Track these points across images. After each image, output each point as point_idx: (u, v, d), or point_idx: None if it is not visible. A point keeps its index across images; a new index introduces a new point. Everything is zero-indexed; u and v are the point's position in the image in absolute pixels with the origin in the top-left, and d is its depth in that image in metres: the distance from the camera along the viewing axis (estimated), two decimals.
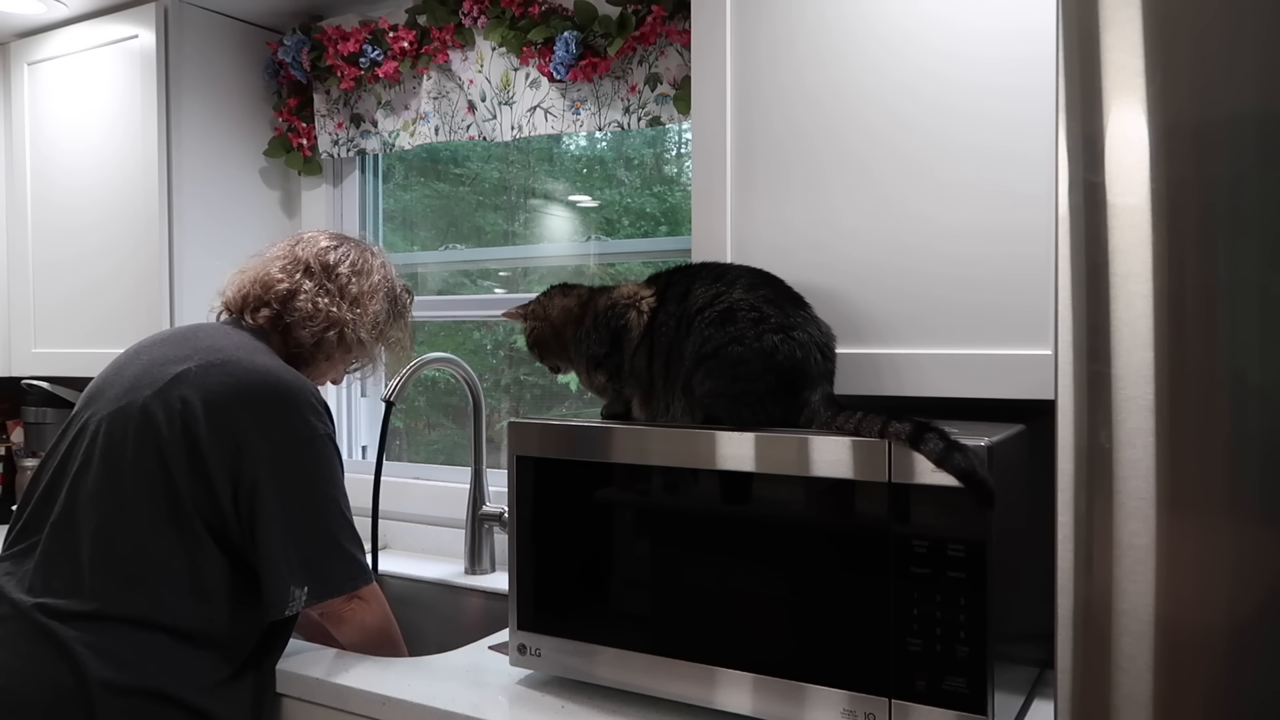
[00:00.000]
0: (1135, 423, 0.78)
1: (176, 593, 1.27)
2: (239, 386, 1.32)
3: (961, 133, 1.27)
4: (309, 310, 1.47)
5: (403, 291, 1.64)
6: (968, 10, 1.27)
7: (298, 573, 1.32)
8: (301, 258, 1.51)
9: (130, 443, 1.30)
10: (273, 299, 1.47)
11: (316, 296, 1.48)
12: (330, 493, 1.36)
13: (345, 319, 1.49)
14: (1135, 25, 0.78)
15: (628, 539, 1.24)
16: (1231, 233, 0.75)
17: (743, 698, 1.15)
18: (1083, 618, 0.80)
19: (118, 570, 1.26)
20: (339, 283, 1.51)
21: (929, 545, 1.04)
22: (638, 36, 1.76)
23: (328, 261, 1.52)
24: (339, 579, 1.37)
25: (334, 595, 1.36)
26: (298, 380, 1.37)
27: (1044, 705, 1.24)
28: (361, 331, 1.51)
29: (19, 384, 2.42)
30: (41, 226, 2.34)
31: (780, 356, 1.19)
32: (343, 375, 1.63)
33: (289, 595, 1.31)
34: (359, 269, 1.54)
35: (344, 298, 1.50)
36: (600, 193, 2.18)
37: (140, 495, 1.28)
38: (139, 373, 1.36)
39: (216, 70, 2.22)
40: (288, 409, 1.33)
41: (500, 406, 2.28)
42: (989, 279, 1.26)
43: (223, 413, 1.31)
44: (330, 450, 1.37)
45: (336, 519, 1.37)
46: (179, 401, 1.31)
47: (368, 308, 1.52)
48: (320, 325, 1.47)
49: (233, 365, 1.34)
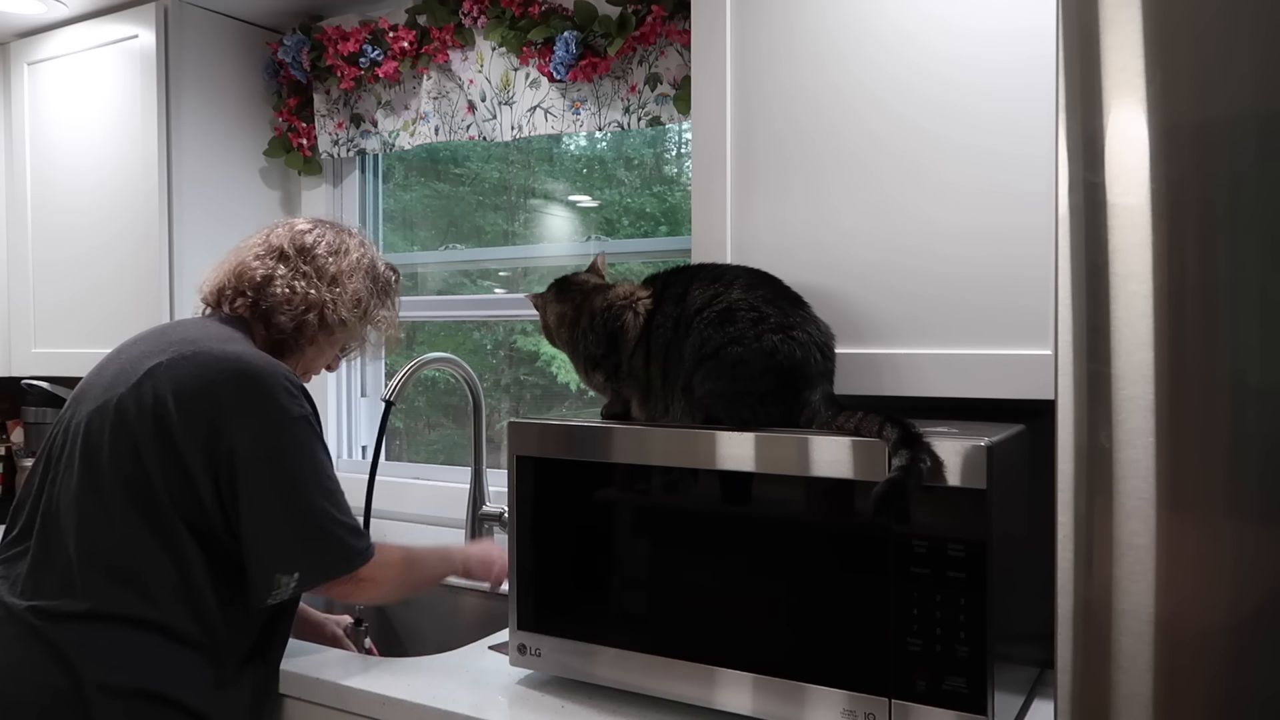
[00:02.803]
0: (1135, 423, 0.78)
1: (164, 590, 1.26)
2: (208, 375, 1.30)
3: (962, 133, 1.27)
4: (285, 294, 1.44)
5: (387, 269, 1.59)
6: (968, 10, 1.27)
7: (284, 559, 1.28)
8: (276, 244, 1.49)
9: (107, 441, 1.29)
10: (247, 287, 1.44)
11: (293, 280, 1.45)
12: (313, 475, 1.32)
13: (324, 300, 1.46)
14: (1135, 25, 0.78)
15: (628, 539, 1.24)
16: (1231, 233, 0.75)
17: (743, 698, 1.15)
18: (1083, 618, 0.80)
19: (105, 569, 1.25)
20: (315, 264, 1.48)
21: (929, 545, 1.04)
22: (638, 36, 1.76)
23: (303, 244, 1.49)
24: (331, 563, 1.32)
25: (327, 580, 1.32)
26: (270, 364, 1.34)
27: (1044, 705, 1.24)
28: (342, 311, 1.48)
29: (19, 384, 2.42)
30: (41, 226, 2.34)
31: (780, 356, 1.19)
32: (336, 361, 1.60)
33: (273, 582, 1.27)
34: (336, 249, 1.51)
35: (321, 278, 1.47)
36: (600, 193, 2.18)
37: (118, 493, 1.27)
38: (117, 371, 1.35)
39: (216, 70, 2.22)
40: (259, 393, 1.30)
41: (500, 406, 2.28)
42: (989, 279, 1.26)
43: (194, 403, 1.28)
44: (308, 431, 1.33)
45: (322, 502, 1.31)
46: (150, 395, 1.29)
47: (347, 286, 1.48)
48: (299, 308, 1.44)
49: (203, 355, 1.32)
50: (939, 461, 1.04)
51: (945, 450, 1.04)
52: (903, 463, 1.03)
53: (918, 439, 1.04)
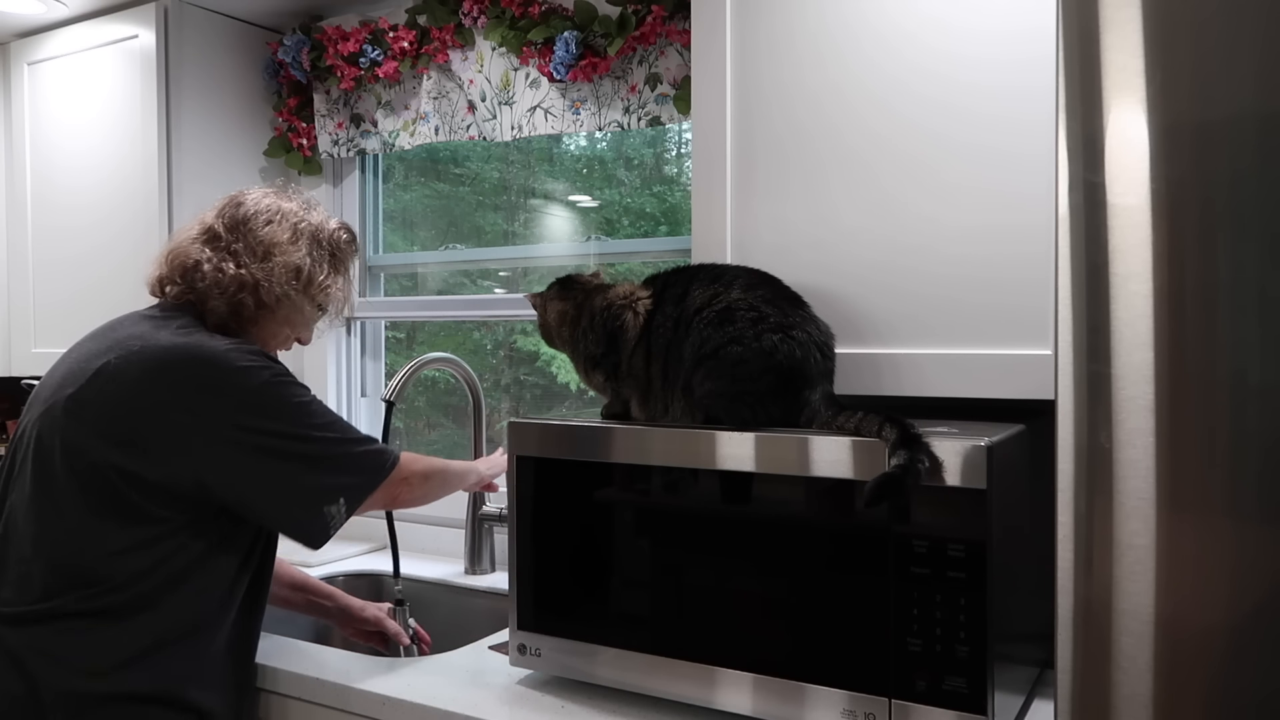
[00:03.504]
0: (1135, 423, 0.78)
1: (128, 587, 1.24)
2: (162, 368, 1.27)
3: (962, 132, 1.27)
4: (215, 277, 1.37)
5: (338, 231, 1.49)
6: (968, 10, 1.27)
7: (323, 495, 1.30)
8: (208, 223, 1.42)
9: (58, 444, 1.27)
10: (178, 274, 1.39)
11: (221, 262, 1.38)
12: (306, 420, 1.30)
13: (255, 278, 1.38)
14: (1135, 25, 0.78)
15: (628, 539, 1.24)
16: (1231, 233, 0.75)
17: (743, 698, 1.15)
18: (1083, 618, 0.80)
19: (63, 571, 1.24)
20: (248, 239, 1.40)
21: (929, 545, 1.04)
22: (638, 36, 1.76)
23: (235, 218, 1.41)
24: (368, 473, 1.35)
25: (373, 488, 1.35)
26: (219, 342, 1.31)
27: (1044, 705, 1.24)
28: (278, 288, 1.39)
29: (19, 384, 2.42)
30: (41, 226, 2.34)
31: (779, 356, 1.19)
32: (306, 333, 1.52)
33: (326, 516, 1.30)
34: (270, 218, 1.42)
35: (252, 255, 1.39)
36: (600, 193, 2.18)
37: (73, 493, 1.25)
38: (65, 372, 1.33)
39: (216, 70, 2.22)
40: (216, 373, 1.28)
41: (500, 406, 2.28)
42: (989, 279, 1.26)
43: (150, 396, 1.26)
44: (279, 388, 1.30)
45: (327, 434, 1.32)
46: (101, 393, 1.27)
47: (280, 260, 1.40)
48: (230, 290, 1.37)
49: (151, 349, 1.28)
50: (938, 462, 1.04)
51: (945, 450, 1.04)
52: (901, 462, 1.03)
53: (917, 439, 1.04)
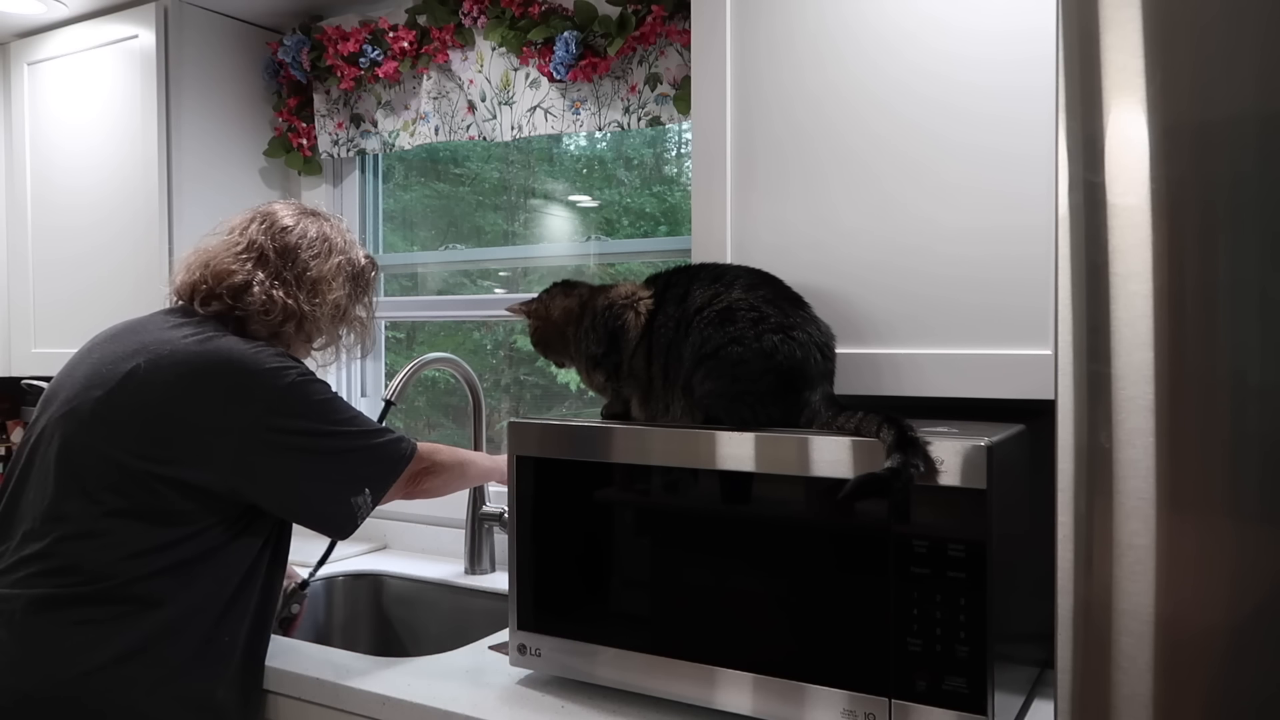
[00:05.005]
0: (1135, 423, 0.78)
1: (148, 581, 1.24)
2: (195, 373, 1.29)
3: (961, 133, 1.27)
4: (263, 302, 1.38)
5: (367, 264, 1.54)
6: (968, 10, 1.27)
7: (347, 486, 1.35)
8: (257, 241, 1.42)
9: (84, 445, 1.28)
10: (225, 291, 1.38)
11: (271, 288, 1.39)
12: (333, 417, 1.34)
13: (302, 311, 1.41)
14: (1135, 25, 0.78)
15: (628, 539, 1.24)
16: (1231, 233, 0.75)
17: (743, 698, 1.15)
18: (1083, 618, 0.80)
19: (83, 570, 1.24)
20: (296, 268, 1.42)
21: (929, 545, 1.04)
22: (638, 36, 1.76)
23: (286, 244, 1.43)
24: (390, 463, 1.40)
25: (396, 477, 1.40)
26: (248, 345, 1.33)
27: (1044, 705, 1.24)
28: (322, 322, 1.45)
29: (19, 384, 2.42)
30: (41, 226, 2.34)
31: (780, 356, 1.19)
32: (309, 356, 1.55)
33: (351, 506, 1.35)
34: (318, 250, 1.45)
35: (301, 286, 1.42)
36: (600, 193, 2.18)
37: (99, 496, 1.25)
38: (89, 372, 1.33)
39: (216, 70, 2.22)
40: (250, 372, 1.30)
41: (500, 406, 2.28)
42: (989, 279, 1.26)
43: (185, 401, 1.27)
44: (309, 383, 1.34)
45: (349, 429, 1.36)
46: (132, 397, 1.28)
47: (326, 297, 1.44)
48: (276, 318, 1.39)
49: (181, 353, 1.30)
50: (932, 467, 1.04)
51: (945, 450, 1.04)
52: (893, 465, 1.03)
53: (914, 442, 1.04)
